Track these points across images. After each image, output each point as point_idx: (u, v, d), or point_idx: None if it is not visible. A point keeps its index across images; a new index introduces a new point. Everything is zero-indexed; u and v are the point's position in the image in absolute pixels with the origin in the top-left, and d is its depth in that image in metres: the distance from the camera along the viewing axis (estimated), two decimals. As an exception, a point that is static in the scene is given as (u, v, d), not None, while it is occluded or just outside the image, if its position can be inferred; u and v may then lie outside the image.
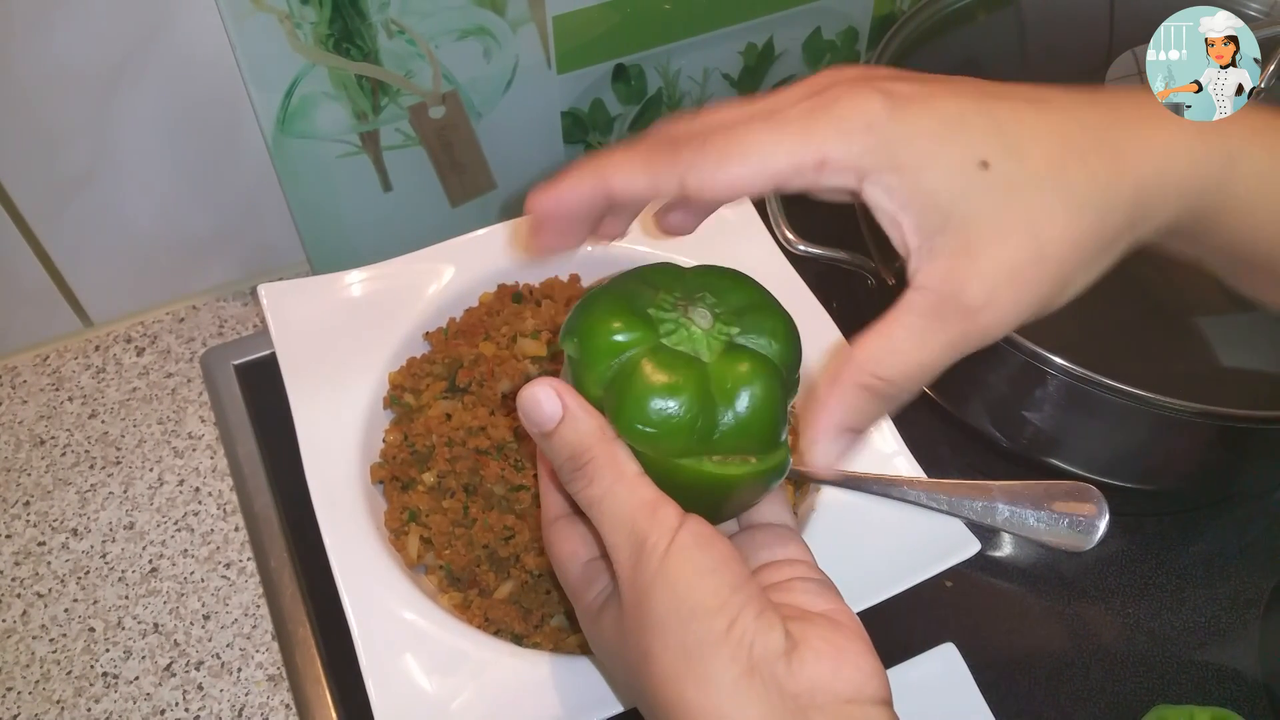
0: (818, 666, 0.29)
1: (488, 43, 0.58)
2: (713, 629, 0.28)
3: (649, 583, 0.29)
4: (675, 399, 0.31)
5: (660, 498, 0.31)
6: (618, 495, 0.30)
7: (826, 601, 0.32)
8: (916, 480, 0.47)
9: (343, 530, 0.46)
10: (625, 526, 0.30)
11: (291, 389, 0.50)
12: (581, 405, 0.32)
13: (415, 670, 0.43)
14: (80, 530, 0.57)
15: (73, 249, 0.61)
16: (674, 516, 0.30)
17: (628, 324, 0.32)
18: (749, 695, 0.28)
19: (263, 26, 0.52)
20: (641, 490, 0.31)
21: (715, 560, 0.29)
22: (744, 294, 0.35)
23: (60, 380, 0.63)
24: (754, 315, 0.34)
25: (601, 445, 0.31)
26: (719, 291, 0.34)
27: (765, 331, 0.34)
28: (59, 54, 0.52)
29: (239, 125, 0.58)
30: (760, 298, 0.35)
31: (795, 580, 0.33)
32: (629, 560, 0.30)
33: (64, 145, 0.56)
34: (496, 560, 0.47)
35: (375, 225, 0.64)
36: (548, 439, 0.32)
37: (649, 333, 0.33)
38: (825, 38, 0.68)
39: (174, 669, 0.53)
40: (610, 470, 0.31)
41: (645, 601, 0.29)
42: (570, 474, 0.32)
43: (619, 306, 0.33)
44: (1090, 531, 0.44)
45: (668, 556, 0.29)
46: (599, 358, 0.32)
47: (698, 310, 0.33)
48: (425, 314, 0.54)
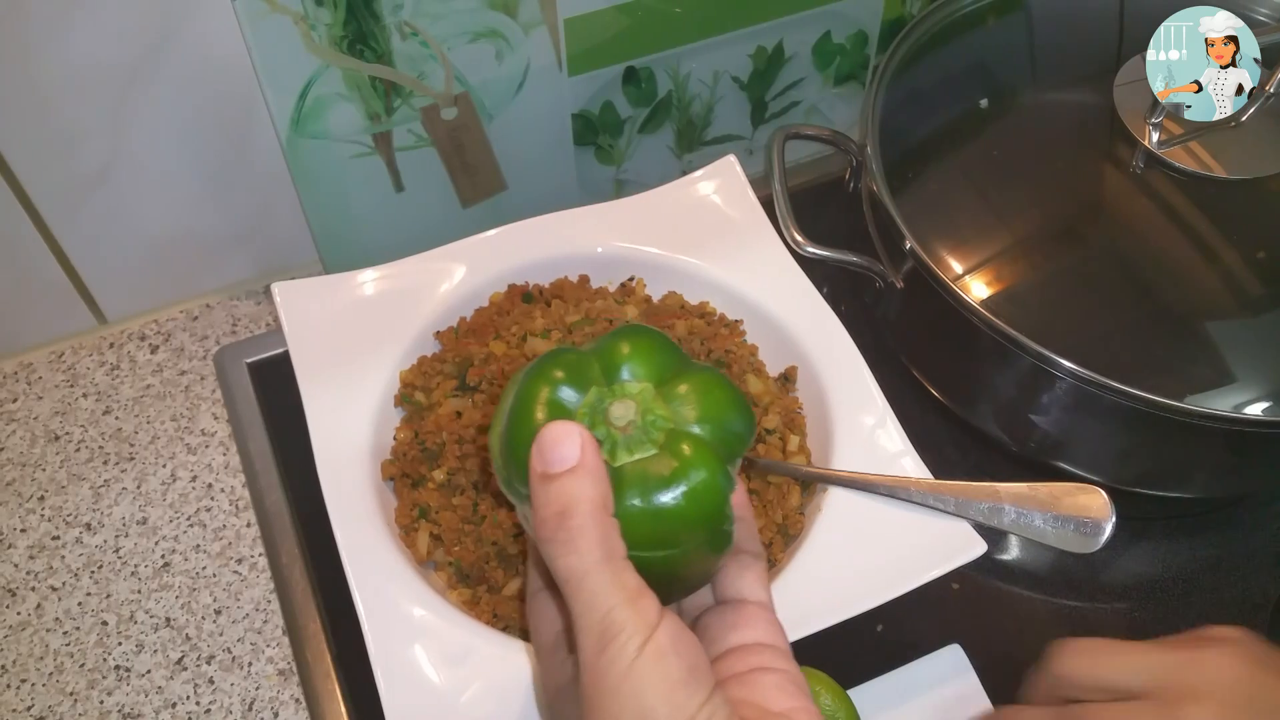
0: None
1: (500, 45, 0.58)
2: None
3: (615, 683, 0.28)
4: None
5: (642, 587, 0.29)
6: (601, 576, 0.28)
7: (789, 699, 0.31)
8: (923, 482, 0.48)
9: (353, 526, 0.47)
10: (600, 612, 0.28)
11: (304, 386, 0.51)
12: (599, 468, 0.29)
13: (424, 665, 0.43)
14: (94, 525, 0.58)
15: (89, 247, 0.61)
16: (654, 613, 0.28)
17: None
18: None
19: (278, 28, 0.52)
20: (626, 576, 0.29)
21: (686, 670, 0.28)
22: (659, 358, 0.32)
23: (75, 377, 0.64)
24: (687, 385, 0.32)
25: (599, 515, 0.29)
26: (635, 365, 0.32)
27: (703, 404, 0.31)
28: (76, 54, 0.52)
29: (253, 125, 0.58)
30: (680, 360, 0.33)
31: (759, 672, 0.32)
32: (595, 649, 0.28)
33: (80, 144, 0.56)
34: (505, 557, 0.47)
35: (387, 225, 0.64)
36: (547, 483, 0.29)
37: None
38: (835, 41, 0.68)
39: (185, 663, 0.53)
40: (600, 547, 0.29)
41: (609, 702, 0.28)
42: (552, 532, 0.29)
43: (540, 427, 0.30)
44: (1097, 534, 0.44)
45: (640, 659, 0.28)
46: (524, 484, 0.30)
47: (618, 406, 0.31)
48: (436, 313, 0.54)
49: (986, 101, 0.62)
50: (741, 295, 0.56)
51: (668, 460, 0.30)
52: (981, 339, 0.52)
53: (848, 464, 0.50)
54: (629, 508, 0.30)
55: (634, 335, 0.32)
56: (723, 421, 0.31)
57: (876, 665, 0.49)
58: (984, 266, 0.55)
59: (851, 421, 0.51)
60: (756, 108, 0.71)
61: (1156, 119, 0.58)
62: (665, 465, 0.30)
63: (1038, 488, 0.45)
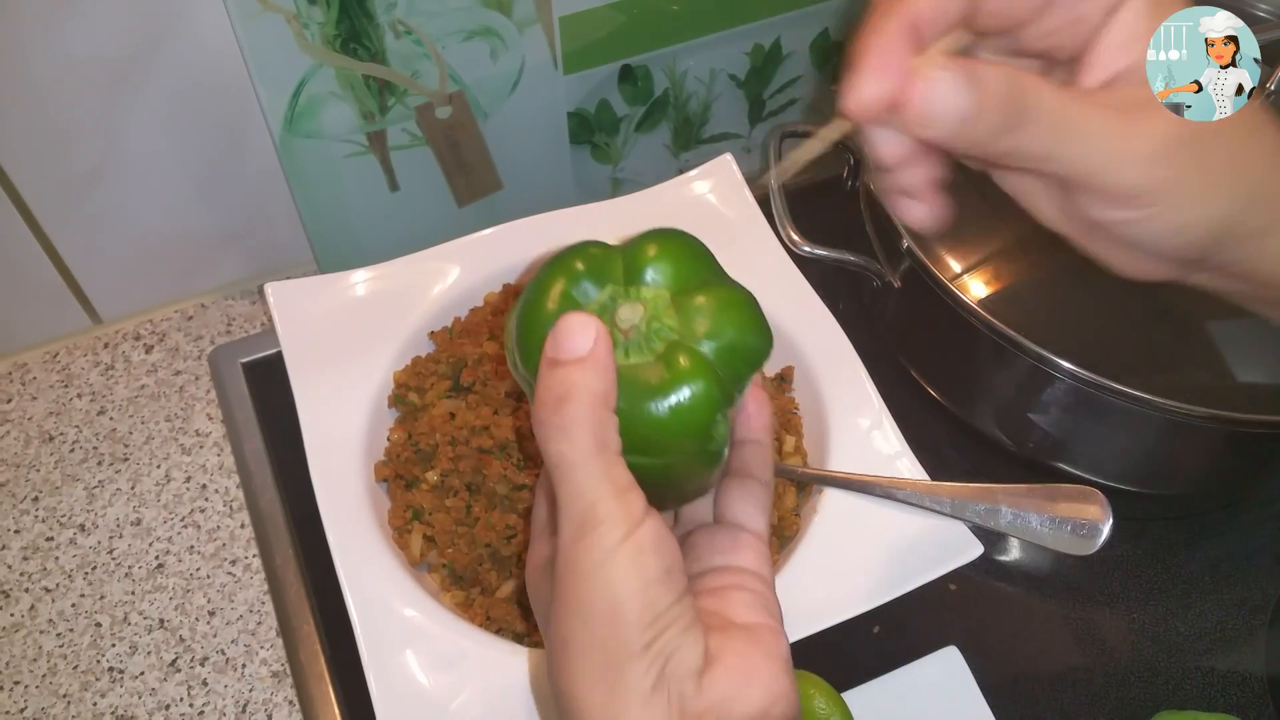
0: (726, 685, 0.29)
1: (494, 43, 0.58)
2: (640, 638, 0.28)
3: (591, 571, 0.28)
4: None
5: (631, 484, 0.29)
6: (590, 467, 0.28)
7: (755, 615, 0.31)
8: (919, 483, 0.47)
9: (346, 528, 0.46)
10: (585, 501, 0.28)
11: (297, 387, 0.50)
12: (608, 363, 0.29)
13: (417, 667, 0.43)
14: (88, 526, 0.58)
15: (83, 247, 0.61)
16: (638, 509, 0.29)
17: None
18: (654, 708, 0.28)
19: (270, 26, 0.52)
20: (616, 471, 0.29)
21: (662, 570, 0.28)
22: (686, 267, 0.32)
23: (69, 377, 0.64)
24: (706, 299, 0.31)
25: (597, 407, 0.29)
26: (659, 269, 0.31)
27: (717, 321, 0.31)
28: (69, 54, 0.52)
29: (247, 125, 0.58)
30: (710, 271, 0.32)
31: (733, 589, 0.32)
32: (573, 535, 0.29)
33: (74, 144, 0.56)
34: (499, 559, 0.47)
35: (382, 224, 0.64)
36: (553, 368, 0.29)
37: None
38: (833, 38, 0.68)
39: (179, 664, 0.53)
40: (593, 438, 0.29)
41: (581, 588, 0.28)
42: (548, 415, 0.29)
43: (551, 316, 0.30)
44: (1094, 536, 0.44)
45: (619, 552, 0.28)
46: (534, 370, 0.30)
47: (626, 307, 0.31)
48: (430, 313, 0.54)
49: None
50: (738, 295, 0.55)
51: (661, 371, 0.30)
52: (979, 339, 0.52)
53: (844, 465, 0.49)
54: (618, 410, 0.30)
55: (665, 238, 0.32)
56: (733, 340, 0.31)
57: (873, 667, 0.49)
58: (982, 266, 0.55)
59: (848, 422, 0.51)
60: (754, 106, 0.70)
61: (1156, 117, 0.57)
62: (657, 375, 0.30)
63: (1035, 489, 0.45)
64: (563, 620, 0.29)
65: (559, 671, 0.29)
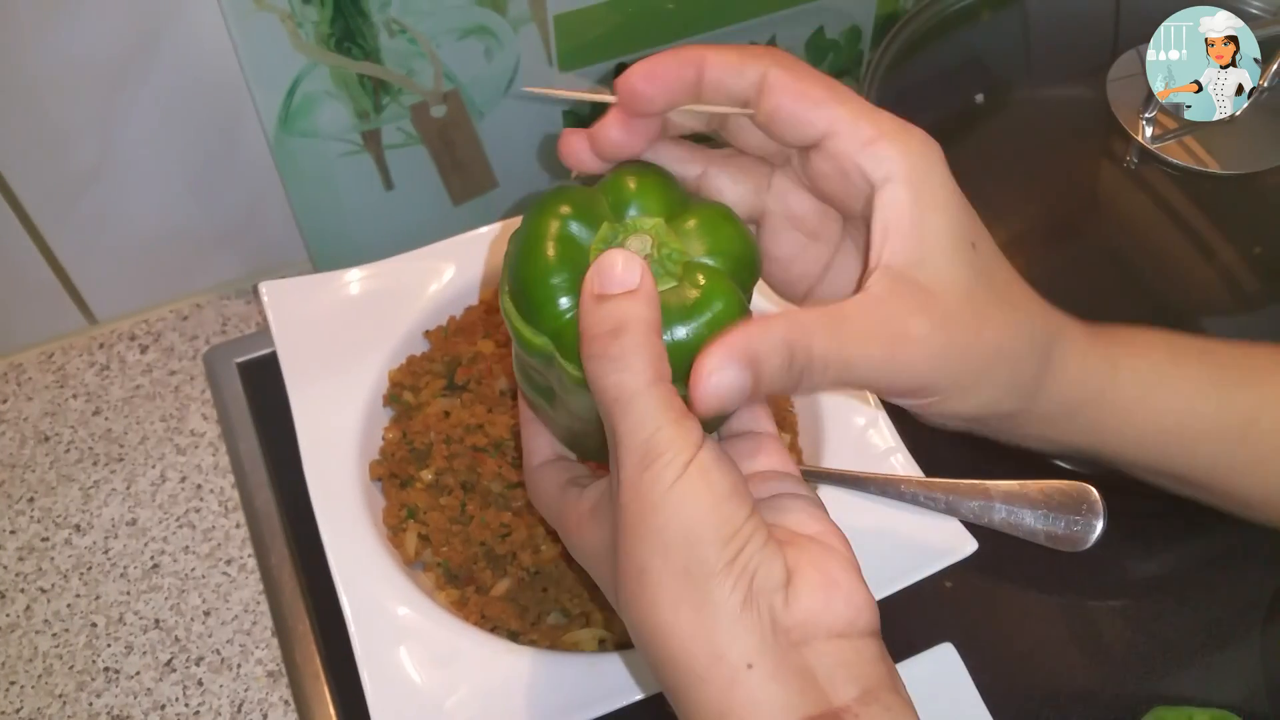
0: (811, 599, 0.28)
1: (489, 42, 0.58)
2: (721, 556, 0.28)
3: (660, 498, 0.28)
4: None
5: (686, 410, 0.29)
6: (652, 396, 0.28)
7: (817, 522, 0.31)
8: (913, 480, 0.47)
9: (341, 527, 0.46)
10: (647, 431, 0.28)
11: (291, 386, 0.50)
12: (656, 297, 0.30)
13: (411, 666, 0.43)
14: (83, 526, 0.58)
15: (78, 247, 0.61)
16: (697, 433, 0.29)
17: (571, 284, 0.30)
18: (745, 625, 0.28)
19: (264, 25, 0.52)
20: (674, 398, 0.29)
21: (730, 486, 0.29)
22: (667, 195, 0.32)
23: (65, 377, 0.64)
24: (695, 220, 0.32)
25: (652, 337, 0.29)
26: (643, 201, 0.32)
27: (713, 238, 0.31)
28: (63, 53, 0.52)
29: (241, 124, 0.58)
30: (681, 195, 0.33)
31: (784, 497, 0.32)
32: (638, 467, 0.28)
33: (69, 144, 0.56)
34: (493, 557, 0.47)
35: (377, 223, 0.64)
36: (601, 303, 0.29)
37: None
38: (828, 36, 0.68)
39: (174, 664, 0.53)
40: (652, 367, 0.29)
41: (652, 516, 0.28)
42: (603, 348, 0.29)
43: (555, 262, 0.30)
44: (1088, 531, 0.44)
45: (686, 475, 0.28)
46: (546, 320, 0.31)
47: (634, 240, 0.31)
48: (425, 312, 0.54)
49: (982, 97, 0.62)
50: (732, 293, 0.55)
51: (688, 290, 0.30)
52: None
53: (839, 462, 0.49)
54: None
55: (640, 171, 0.32)
56: (733, 253, 0.32)
57: (868, 665, 0.49)
58: (977, 263, 0.55)
59: (843, 420, 0.51)
60: (749, 104, 0.70)
61: (1150, 114, 0.57)
62: (686, 296, 0.30)
63: (1028, 485, 0.45)
64: (635, 551, 0.29)
65: (637, 603, 0.29)
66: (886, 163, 0.30)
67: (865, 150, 0.30)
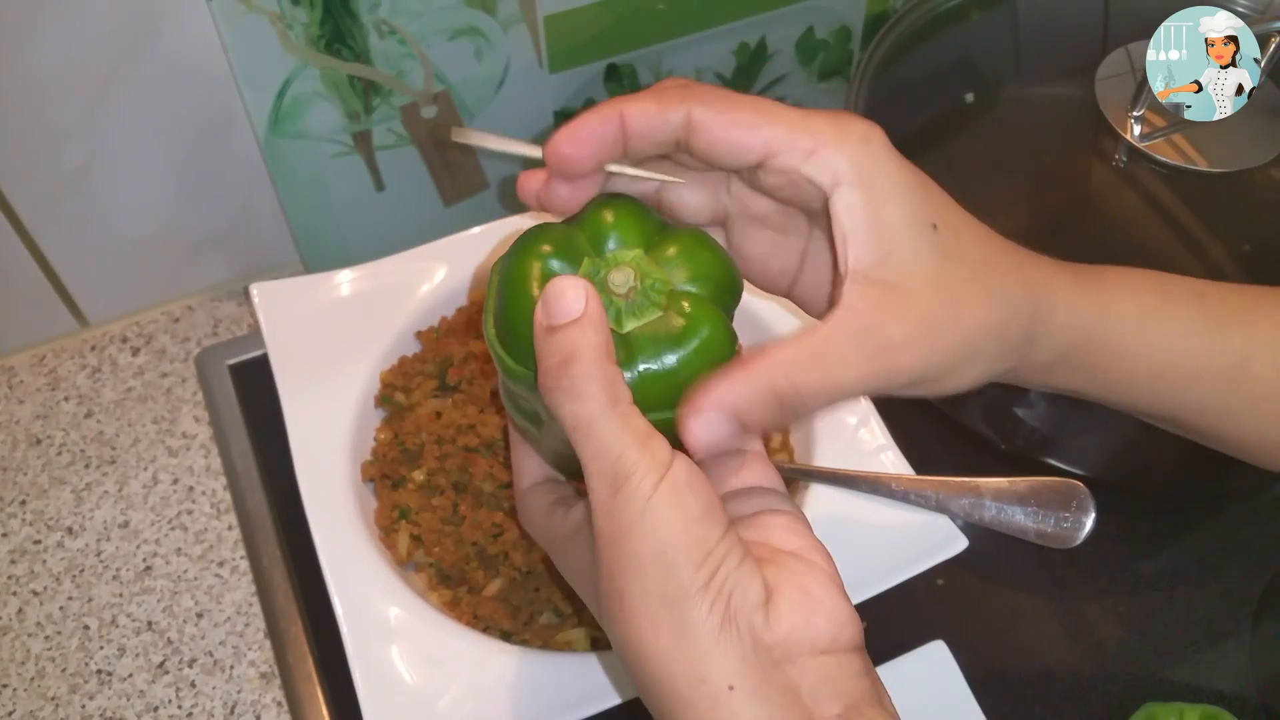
0: (792, 617, 0.28)
1: (479, 43, 0.58)
2: (696, 578, 0.28)
3: (631, 522, 0.28)
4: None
5: (651, 430, 0.29)
6: (609, 420, 0.29)
7: (798, 538, 0.31)
8: (904, 477, 0.48)
9: (333, 527, 0.46)
10: (612, 455, 0.28)
11: (283, 387, 0.50)
12: (602, 319, 0.30)
13: (404, 666, 0.43)
14: (75, 529, 0.58)
15: (68, 250, 0.61)
16: (665, 452, 0.29)
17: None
18: (724, 646, 0.28)
19: (254, 27, 0.52)
20: (634, 419, 0.29)
21: (703, 507, 0.28)
22: (643, 225, 0.33)
23: (56, 380, 0.63)
24: (674, 247, 0.32)
25: (601, 362, 0.29)
26: (621, 233, 0.32)
27: (694, 264, 0.32)
28: (53, 56, 0.52)
29: (232, 126, 0.58)
30: (657, 223, 0.33)
31: (766, 514, 0.32)
32: (607, 492, 0.29)
33: (59, 146, 0.56)
34: (485, 557, 0.47)
35: (368, 225, 0.64)
36: (551, 335, 0.30)
37: None
38: (818, 36, 0.68)
39: (167, 666, 0.53)
40: (605, 392, 0.29)
41: (625, 541, 0.28)
42: (555, 380, 0.29)
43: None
44: (1078, 528, 0.44)
45: (655, 497, 0.28)
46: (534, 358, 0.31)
47: (617, 273, 0.31)
48: (417, 313, 0.54)
49: (972, 96, 0.62)
50: (724, 292, 0.55)
51: (674, 319, 0.31)
52: (964, 334, 0.52)
53: (830, 461, 0.49)
54: (643, 373, 0.30)
55: (615, 204, 0.33)
56: (714, 278, 0.32)
57: (860, 663, 0.49)
58: (967, 262, 0.55)
59: (834, 418, 0.51)
60: (740, 104, 0.70)
61: (1139, 112, 0.58)
62: (673, 324, 0.31)
63: (1018, 482, 0.45)
64: (614, 575, 0.29)
65: (619, 625, 0.29)
66: (831, 170, 0.30)
67: (809, 162, 0.30)
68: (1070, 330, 0.34)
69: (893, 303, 0.30)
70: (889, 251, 0.30)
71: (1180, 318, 0.36)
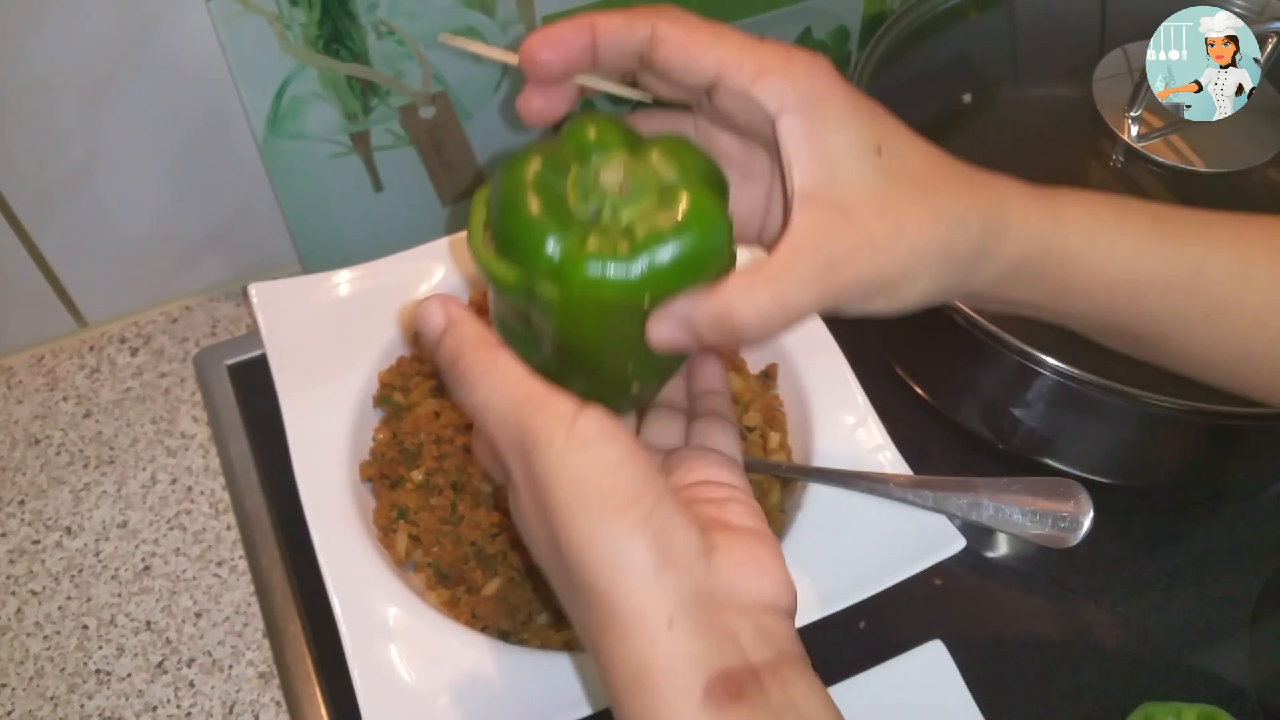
0: (737, 572, 0.30)
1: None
2: (624, 519, 0.28)
3: (549, 480, 0.29)
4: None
5: (549, 392, 0.30)
6: (499, 393, 0.30)
7: (752, 520, 0.32)
8: (902, 477, 0.48)
9: (331, 527, 0.46)
10: (511, 425, 0.30)
11: (281, 387, 0.50)
12: (467, 316, 0.32)
13: (402, 666, 0.43)
14: (74, 529, 0.58)
15: (67, 250, 0.61)
16: (568, 407, 0.29)
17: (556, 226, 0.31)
18: (664, 585, 0.28)
19: (252, 28, 0.52)
20: (525, 386, 0.30)
21: (621, 454, 0.29)
22: (624, 134, 0.33)
23: (55, 380, 0.63)
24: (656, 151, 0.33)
25: (479, 349, 0.31)
26: (604, 141, 0.33)
27: (680, 162, 0.32)
28: (51, 56, 0.52)
29: (230, 126, 0.58)
30: (636, 134, 0.34)
31: (728, 500, 0.33)
32: (522, 464, 0.30)
33: (57, 147, 0.56)
34: (484, 557, 0.47)
35: (366, 225, 0.64)
36: (435, 350, 0.32)
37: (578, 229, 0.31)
38: (816, 37, 0.68)
39: (166, 666, 0.53)
40: (489, 373, 0.31)
41: (548, 499, 0.29)
42: (452, 383, 0.32)
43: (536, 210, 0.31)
44: (1075, 528, 0.44)
45: (566, 452, 0.29)
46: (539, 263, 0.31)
47: (607, 171, 0.32)
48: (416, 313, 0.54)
49: (969, 97, 0.62)
50: (722, 292, 0.55)
51: (671, 205, 0.31)
52: (963, 335, 0.52)
53: (828, 461, 0.49)
54: (653, 267, 0.31)
55: (595, 118, 0.33)
56: (701, 170, 0.33)
57: (858, 661, 0.49)
58: (965, 262, 0.55)
59: (832, 419, 0.51)
60: (738, 104, 0.70)
61: (1136, 112, 0.58)
62: (671, 209, 0.31)
63: (1016, 482, 0.45)
64: (549, 528, 0.30)
65: (567, 573, 0.30)
66: (778, 95, 0.31)
67: (756, 85, 0.31)
68: (1025, 242, 0.34)
69: (837, 222, 0.31)
70: (833, 174, 0.32)
71: (1136, 230, 0.36)
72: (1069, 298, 0.36)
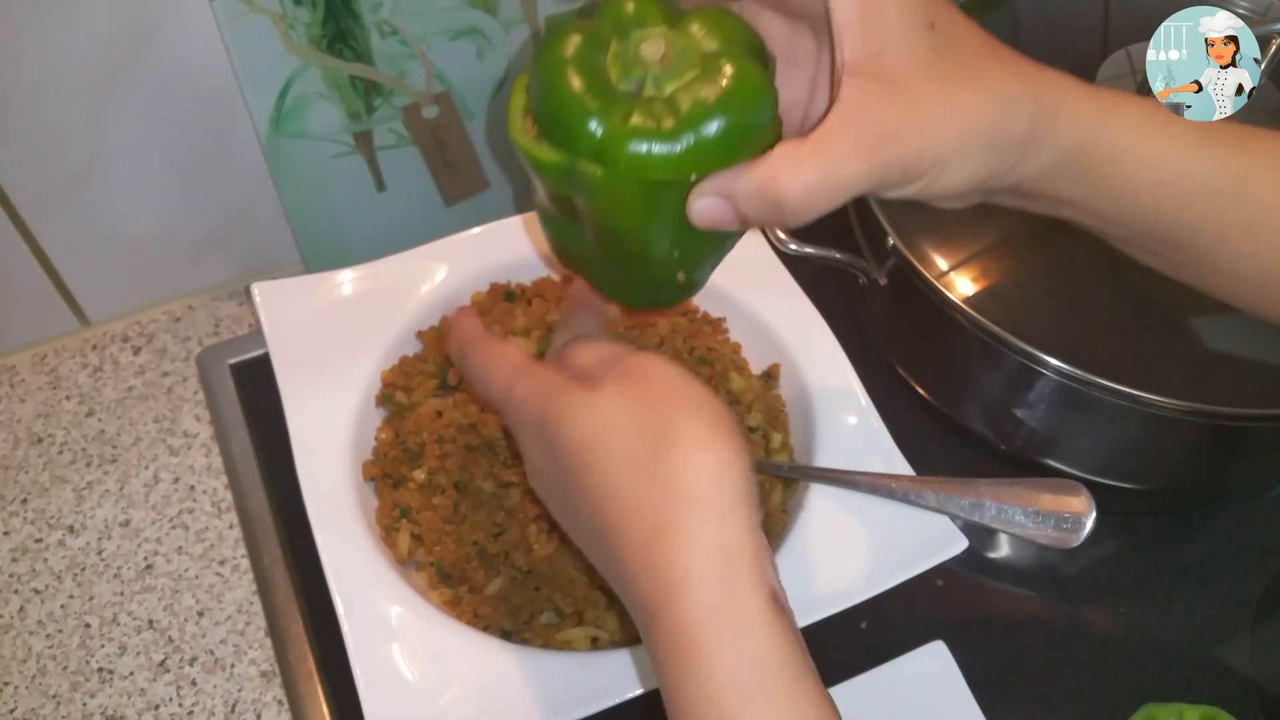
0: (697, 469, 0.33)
1: (480, 43, 0.58)
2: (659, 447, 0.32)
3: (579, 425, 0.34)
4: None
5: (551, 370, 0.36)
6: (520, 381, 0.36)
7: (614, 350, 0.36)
8: (904, 478, 0.48)
9: (334, 527, 0.47)
10: (538, 393, 0.35)
11: (284, 387, 0.50)
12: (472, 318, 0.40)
13: (404, 665, 0.43)
14: (77, 527, 0.58)
15: (70, 249, 0.61)
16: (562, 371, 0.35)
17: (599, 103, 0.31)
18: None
19: (256, 28, 0.52)
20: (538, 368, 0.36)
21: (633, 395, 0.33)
22: (662, 7, 0.33)
23: (58, 379, 0.64)
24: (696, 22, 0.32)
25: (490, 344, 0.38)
26: (642, 15, 0.32)
27: (721, 32, 0.32)
28: (55, 55, 0.52)
29: (233, 126, 0.58)
30: (675, 8, 0.33)
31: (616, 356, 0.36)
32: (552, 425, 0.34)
33: (61, 146, 0.56)
34: (486, 557, 0.47)
35: (369, 224, 0.64)
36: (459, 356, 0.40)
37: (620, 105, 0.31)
38: (819, 37, 0.68)
39: (168, 664, 0.53)
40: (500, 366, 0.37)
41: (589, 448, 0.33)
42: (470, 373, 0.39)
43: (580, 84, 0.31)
44: (1078, 528, 0.44)
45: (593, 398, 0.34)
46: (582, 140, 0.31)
47: (648, 45, 0.31)
48: (418, 312, 0.54)
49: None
50: (724, 293, 0.55)
51: (715, 76, 0.31)
52: (966, 336, 0.52)
53: (830, 461, 0.49)
54: (699, 141, 0.30)
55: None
56: (743, 40, 0.32)
57: (860, 662, 0.49)
58: (968, 263, 0.55)
59: (834, 419, 0.51)
60: (741, 105, 0.70)
61: (1139, 113, 0.58)
62: (715, 80, 0.31)
63: (1018, 483, 0.45)
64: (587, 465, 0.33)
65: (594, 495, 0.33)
66: None
67: None
68: (1075, 133, 0.34)
69: (888, 95, 0.31)
70: (883, 48, 0.31)
71: (1184, 132, 0.36)
72: (1115, 196, 0.36)
